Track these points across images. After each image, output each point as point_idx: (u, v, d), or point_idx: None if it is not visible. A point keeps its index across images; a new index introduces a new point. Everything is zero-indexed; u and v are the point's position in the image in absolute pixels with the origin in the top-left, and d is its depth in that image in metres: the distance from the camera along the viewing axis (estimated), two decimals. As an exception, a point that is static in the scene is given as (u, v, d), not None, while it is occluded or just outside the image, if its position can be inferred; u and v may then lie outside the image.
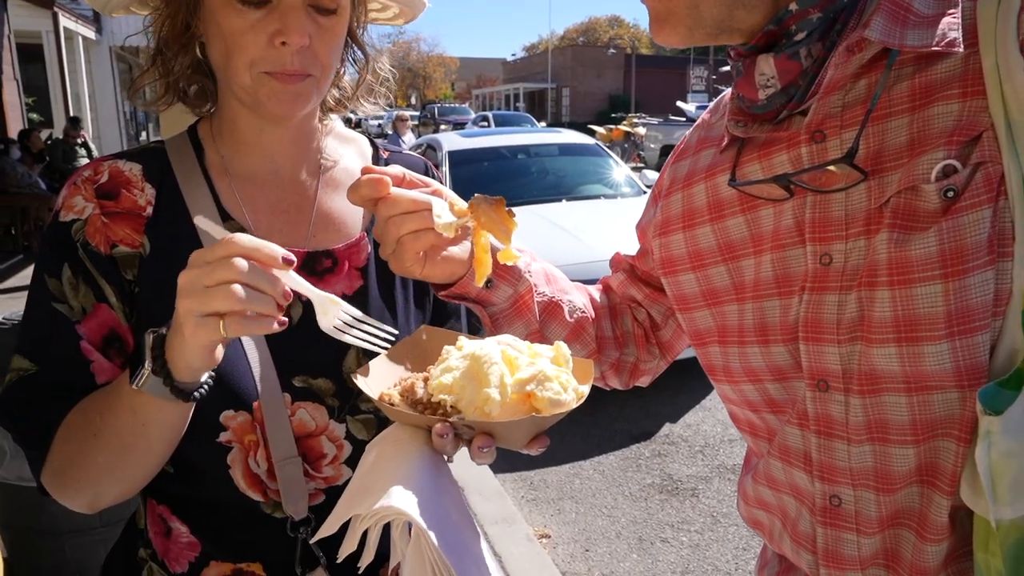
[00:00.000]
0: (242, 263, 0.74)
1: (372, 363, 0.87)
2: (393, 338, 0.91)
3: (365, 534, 0.74)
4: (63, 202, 0.96)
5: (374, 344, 0.88)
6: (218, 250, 0.74)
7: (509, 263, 0.87)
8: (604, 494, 4.03)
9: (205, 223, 0.83)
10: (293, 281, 0.80)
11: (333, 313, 0.86)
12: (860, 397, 0.78)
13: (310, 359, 0.99)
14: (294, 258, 0.78)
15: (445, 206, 0.84)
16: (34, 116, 12.62)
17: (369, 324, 0.89)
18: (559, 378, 0.78)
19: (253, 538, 1.01)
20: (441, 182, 1.21)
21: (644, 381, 1.22)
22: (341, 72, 1.12)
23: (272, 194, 1.05)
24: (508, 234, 0.83)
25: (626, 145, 20.48)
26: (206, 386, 0.85)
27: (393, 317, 1.07)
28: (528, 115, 31.54)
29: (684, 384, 5.27)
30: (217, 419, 0.93)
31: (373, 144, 1.20)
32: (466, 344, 0.83)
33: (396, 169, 0.87)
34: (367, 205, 0.85)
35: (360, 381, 0.83)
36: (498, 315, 1.00)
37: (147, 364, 0.81)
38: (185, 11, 0.96)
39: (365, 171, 0.84)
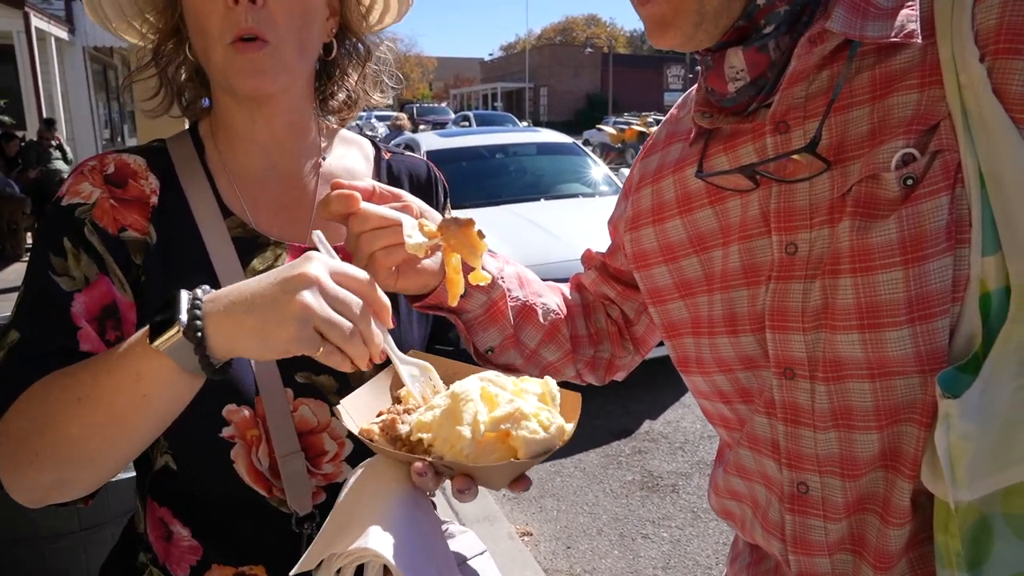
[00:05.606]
0: (367, 313, 0.74)
1: (357, 392, 0.87)
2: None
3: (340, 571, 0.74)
4: (68, 188, 0.96)
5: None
6: (359, 283, 0.75)
7: (481, 284, 0.87)
8: (585, 491, 4.05)
9: (321, 241, 0.84)
10: (389, 345, 0.82)
11: (415, 391, 0.89)
12: (825, 384, 0.79)
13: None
14: (392, 324, 0.80)
15: (415, 225, 0.84)
16: (5, 119, 12.36)
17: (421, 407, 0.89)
18: (538, 416, 0.77)
19: (257, 538, 0.99)
20: (443, 183, 1.22)
21: (619, 376, 1.23)
22: (349, 72, 1.12)
23: (272, 190, 1.06)
24: (478, 255, 0.84)
25: (640, 146, 20.31)
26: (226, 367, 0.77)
27: (396, 314, 1.07)
28: (510, 115, 31.41)
29: (664, 381, 5.30)
30: (220, 413, 0.93)
31: (376, 146, 1.20)
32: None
33: (366, 183, 0.87)
34: (338, 220, 0.85)
35: (342, 413, 0.82)
36: (472, 322, 1.01)
37: (179, 324, 0.71)
38: (171, 12, 1.00)
39: (334, 186, 0.85)
